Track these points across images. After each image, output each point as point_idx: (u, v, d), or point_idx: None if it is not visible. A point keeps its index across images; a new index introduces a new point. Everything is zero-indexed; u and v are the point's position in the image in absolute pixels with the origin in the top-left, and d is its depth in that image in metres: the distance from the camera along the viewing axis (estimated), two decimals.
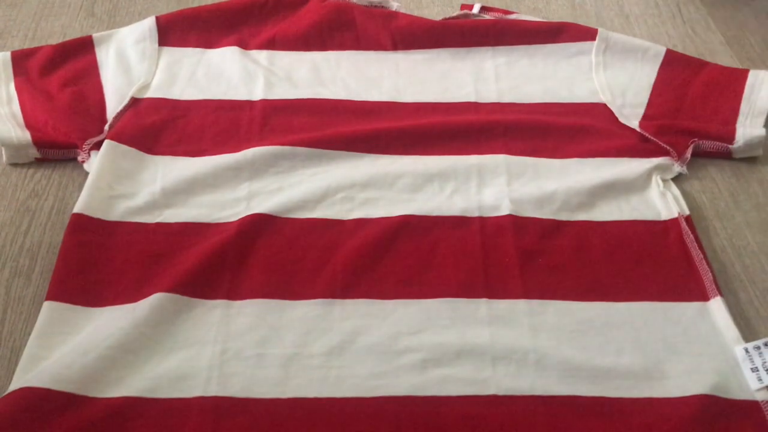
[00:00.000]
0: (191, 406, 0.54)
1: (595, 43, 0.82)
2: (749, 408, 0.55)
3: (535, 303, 0.61)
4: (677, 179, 0.72)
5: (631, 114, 0.77)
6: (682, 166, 0.73)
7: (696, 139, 0.74)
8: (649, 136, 0.74)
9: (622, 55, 0.81)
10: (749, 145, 0.75)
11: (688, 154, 0.74)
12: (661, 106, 0.77)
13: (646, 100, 0.78)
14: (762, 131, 0.75)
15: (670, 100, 0.78)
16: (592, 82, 0.80)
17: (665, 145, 0.73)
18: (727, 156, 0.75)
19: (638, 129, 0.75)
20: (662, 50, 0.81)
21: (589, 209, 0.68)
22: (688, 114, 0.77)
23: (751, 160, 0.75)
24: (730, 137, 0.75)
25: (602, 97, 0.79)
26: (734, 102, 0.77)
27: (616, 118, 0.77)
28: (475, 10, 0.88)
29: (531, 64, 0.82)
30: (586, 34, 0.83)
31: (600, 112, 0.77)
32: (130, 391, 0.55)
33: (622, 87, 0.79)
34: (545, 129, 0.75)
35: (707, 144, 0.74)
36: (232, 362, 0.57)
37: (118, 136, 0.72)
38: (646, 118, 0.77)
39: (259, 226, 0.66)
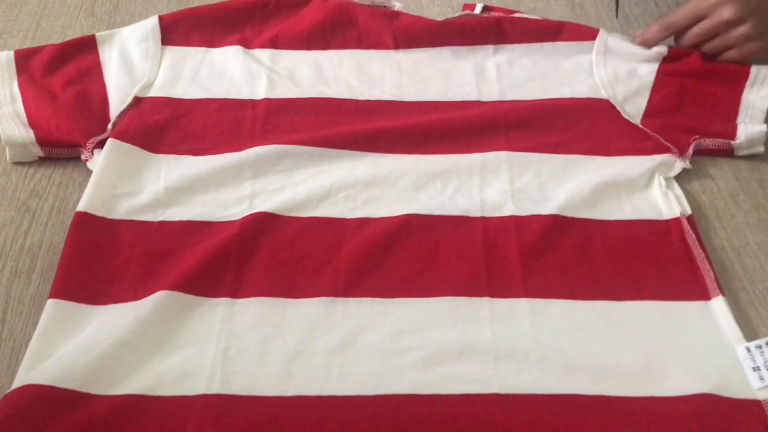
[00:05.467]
0: (194, 404, 0.54)
1: (596, 43, 0.83)
2: (751, 407, 0.55)
3: (537, 302, 0.61)
4: (677, 179, 0.72)
5: (633, 110, 0.77)
6: (684, 161, 0.73)
7: (697, 137, 0.74)
8: (652, 133, 0.74)
9: (623, 54, 0.81)
10: (751, 141, 0.75)
11: (690, 151, 0.74)
12: (663, 101, 0.78)
13: (647, 95, 0.78)
14: (764, 127, 0.75)
15: (671, 95, 0.78)
16: (593, 79, 0.80)
17: (666, 143, 0.74)
18: (729, 153, 0.75)
19: (640, 125, 0.76)
20: (664, 49, 0.81)
21: (592, 208, 0.68)
22: (689, 110, 0.77)
23: (751, 161, 0.75)
24: (732, 134, 0.75)
25: (604, 93, 0.79)
26: (734, 98, 0.77)
27: (619, 114, 0.77)
28: (477, 10, 0.88)
29: (532, 62, 0.82)
30: (587, 34, 0.83)
31: (602, 107, 0.78)
32: (133, 388, 0.55)
33: (623, 82, 0.79)
34: (547, 126, 0.76)
35: (709, 141, 0.75)
36: (234, 360, 0.57)
37: (122, 135, 0.72)
38: (648, 113, 0.77)
39: (262, 224, 0.66)
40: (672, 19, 0.80)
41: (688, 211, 0.69)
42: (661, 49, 0.81)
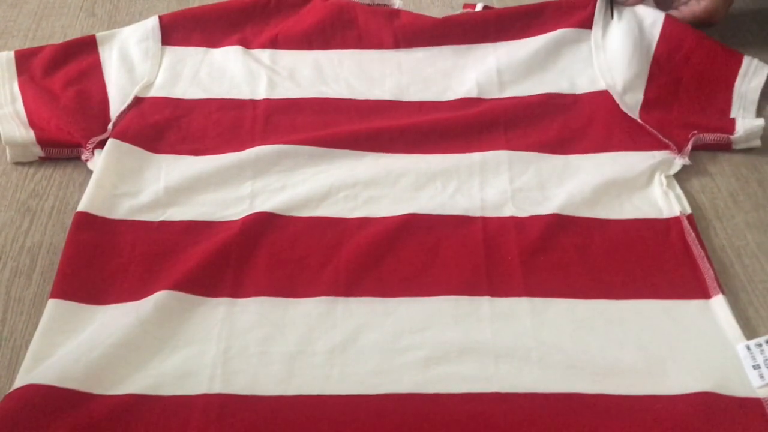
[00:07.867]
0: (195, 404, 0.55)
1: (593, 30, 0.83)
2: (751, 405, 0.55)
3: (538, 301, 0.61)
4: (676, 178, 0.72)
5: (631, 101, 0.77)
6: (684, 158, 0.73)
7: (696, 132, 0.75)
8: (651, 129, 0.74)
9: (621, 37, 0.82)
10: (749, 134, 0.75)
11: (689, 147, 0.74)
12: (659, 91, 0.78)
13: (644, 84, 0.78)
14: (761, 121, 0.75)
15: (667, 85, 0.78)
16: (592, 68, 0.81)
17: (665, 140, 0.74)
18: (727, 147, 0.76)
19: (639, 120, 0.76)
20: (659, 25, 0.81)
21: (592, 207, 0.68)
22: (685, 103, 0.78)
23: (750, 161, 0.76)
24: (730, 128, 0.75)
25: (603, 84, 0.79)
26: (727, 89, 0.78)
27: (618, 109, 0.77)
28: (478, 9, 0.88)
29: (532, 56, 0.82)
30: (584, 21, 0.84)
31: (602, 102, 0.78)
32: (134, 388, 0.55)
33: (621, 70, 0.79)
34: (547, 124, 0.76)
35: (708, 136, 0.75)
36: (235, 360, 0.57)
37: (122, 135, 0.72)
38: (645, 105, 0.77)
39: (262, 224, 0.66)
40: None
41: (688, 210, 0.69)
42: (656, 29, 0.81)
